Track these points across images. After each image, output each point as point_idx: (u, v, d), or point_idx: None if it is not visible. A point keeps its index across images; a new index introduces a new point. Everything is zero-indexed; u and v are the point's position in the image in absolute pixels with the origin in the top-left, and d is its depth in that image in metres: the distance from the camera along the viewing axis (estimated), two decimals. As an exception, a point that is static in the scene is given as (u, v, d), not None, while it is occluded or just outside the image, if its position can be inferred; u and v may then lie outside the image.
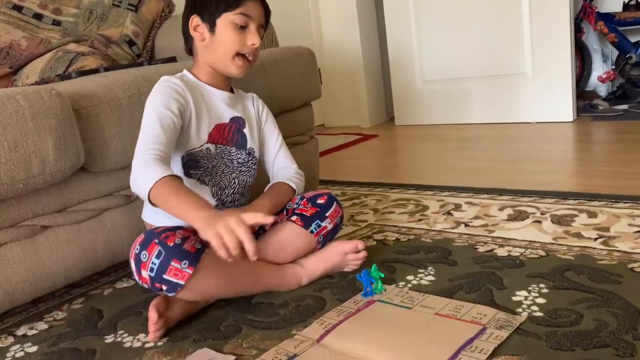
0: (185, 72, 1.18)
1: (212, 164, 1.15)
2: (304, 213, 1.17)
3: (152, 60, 1.87)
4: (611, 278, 1.00)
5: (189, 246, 0.96)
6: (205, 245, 0.98)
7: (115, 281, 1.33)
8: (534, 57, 2.56)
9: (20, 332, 1.12)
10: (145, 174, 0.96)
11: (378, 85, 3.30)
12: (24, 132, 1.03)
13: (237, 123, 1.20)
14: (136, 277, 0.98)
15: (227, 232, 0.85)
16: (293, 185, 1.22)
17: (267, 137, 1.28)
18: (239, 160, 1.20)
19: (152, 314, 0.99)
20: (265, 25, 1.17)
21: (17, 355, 1.03)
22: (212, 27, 1.12)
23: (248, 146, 1.21)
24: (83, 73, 1.56)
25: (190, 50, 1.19)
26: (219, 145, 1.16)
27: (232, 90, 1.23)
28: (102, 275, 1.38)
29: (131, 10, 1.92)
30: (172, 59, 1.71)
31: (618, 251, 1.12)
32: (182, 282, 0.95)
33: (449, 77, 2.85)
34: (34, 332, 1.11)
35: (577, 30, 2.85)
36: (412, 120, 3.04)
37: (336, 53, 3.23)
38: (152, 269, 0.94)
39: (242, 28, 1.11)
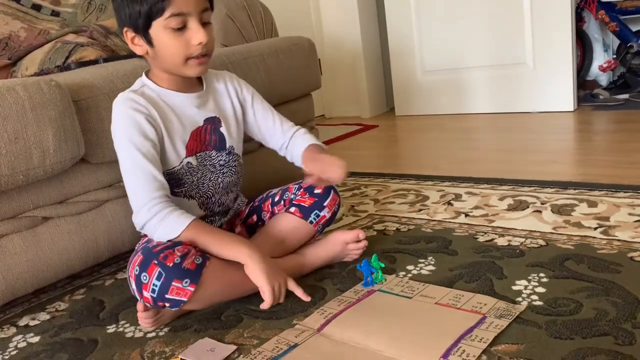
0: (144, 79, 1.08)
1: (197, 177, 1.10)
2: (303, 204, 1.16)
3: (152, 51, 1.86)
4: (611, 267, 1.01)
5: (189, 263, 0.94)
6: (205, 257, 0.97)
7: (117, 272, 1.34)
8: (534, 46, 2.55)
9: (22, 322, 1.13)
10: (164, 227, 0.97)
11: (378, 75, 3.29)
12: (24, 124, 1.03)
13: (212, 123, 1.12)
14: (137, 296, 0.97)
15: (279, 290, 0.98)
16: (319, 143, 1.18)
17: (262, 117, 1.19)
18: (220, 162, 1.13)
19: (139, 305, 0.99)
20: (210, 4, 1.02)
21: (19, 346, 1.03)
22: (147, 39, 1.00)
23: (227, 145, 1.14)
24: (82, 64, 1.55)
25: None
26: (199, 154, 1.10)
27: (200, 81, 1.13)
28: (103, 266, 1.39)
29: (130, 0, 1.91)
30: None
31: (618, 240, 1.13)
32: (184, 299, 0.94)
33: (450, 67, 2.84)
34: (36, 322, 1.12)
35: (578, 19, 2.83)
36: (413, 111, 3.03)
37: (336, 43, 3.21)
38: (153, 290, 0.93)
39: (181, 29, 0.98)
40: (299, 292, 1.02)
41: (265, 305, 0.97)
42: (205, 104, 1.12)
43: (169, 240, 0.98)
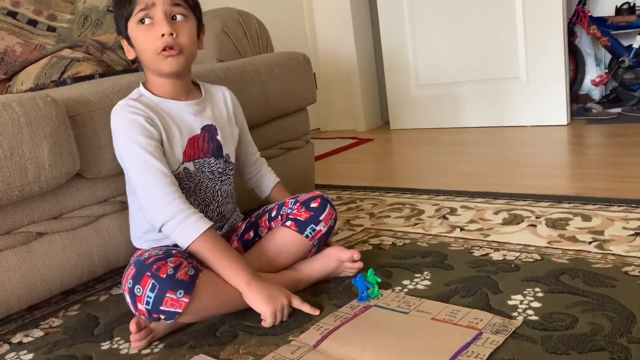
0: (141, 89, 1.10)
1: (195, 182, 1.12)
2: (299, 218, 1.16)
3: (147, 65, 1.86)
4: (606, 282, 1.01)
5: (182, 274, 0.95)
6: (198, 269, 0.98)
7: (111, 287, 1.33)
8: (527, 61, 2.58)
9: (15, 339, 1.12)
10: (180, 232, 1.00)
11: (373, 89, 3.31)
12: (19, 139, 1.03)
13: (209, 131, 1.14)
14: (132, 309, 0.97)
15: (280, 312, 1.00)
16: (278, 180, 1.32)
17: (246, 140, 1.27)
18: (219, 170, 1.16)
19: (132, 326, 0.98)
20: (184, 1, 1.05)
21: (12, 363, 1.02)
22: (129, 41, 1.06)
23: (224, 153, 1.16)
24: (78, 79, 1.56)
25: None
26: (197, 161, 1.12)
27: (198, 87, 1.17)
28: (98, 281, 1.38)
29: (126, 15, 1.92)
30: (168, 65, 1.71)
31: (612, 254, 1.13)
32: (179, 311, 0.95)
33: (444, 81, 2.86)
34: (29, 339, 1.11)
35: (571, 34, 2.87)
36: (407, 124, 3.05)
37: (331, 57, 3.23)
38: (147, 302, 0.94)
39: (150, 24, 1.02)
40: (305, 308, 1.03)
41: (266, 325, 1.01)
42: (202, 111, 1.14)
43: (174, 245, 1.00)
